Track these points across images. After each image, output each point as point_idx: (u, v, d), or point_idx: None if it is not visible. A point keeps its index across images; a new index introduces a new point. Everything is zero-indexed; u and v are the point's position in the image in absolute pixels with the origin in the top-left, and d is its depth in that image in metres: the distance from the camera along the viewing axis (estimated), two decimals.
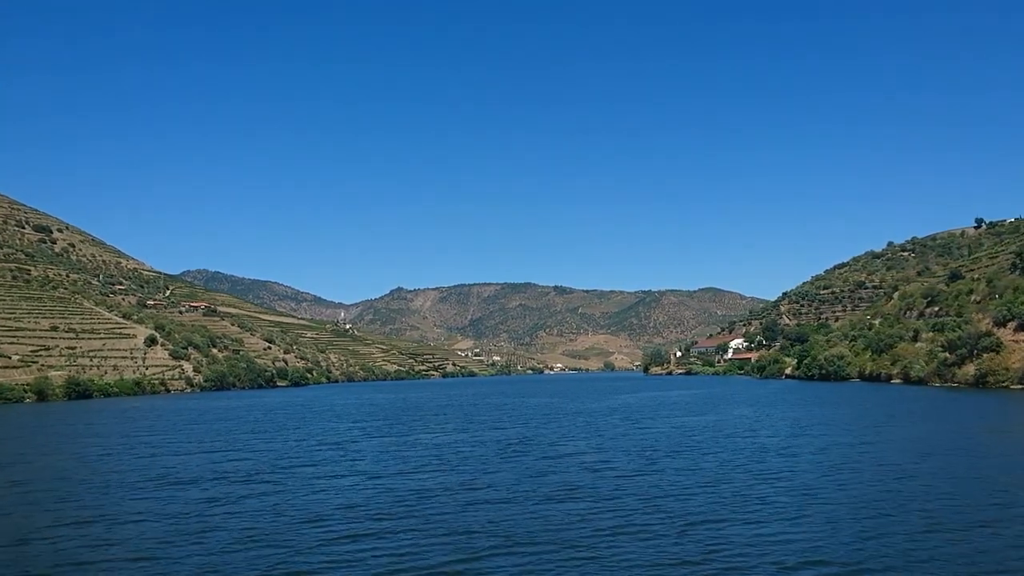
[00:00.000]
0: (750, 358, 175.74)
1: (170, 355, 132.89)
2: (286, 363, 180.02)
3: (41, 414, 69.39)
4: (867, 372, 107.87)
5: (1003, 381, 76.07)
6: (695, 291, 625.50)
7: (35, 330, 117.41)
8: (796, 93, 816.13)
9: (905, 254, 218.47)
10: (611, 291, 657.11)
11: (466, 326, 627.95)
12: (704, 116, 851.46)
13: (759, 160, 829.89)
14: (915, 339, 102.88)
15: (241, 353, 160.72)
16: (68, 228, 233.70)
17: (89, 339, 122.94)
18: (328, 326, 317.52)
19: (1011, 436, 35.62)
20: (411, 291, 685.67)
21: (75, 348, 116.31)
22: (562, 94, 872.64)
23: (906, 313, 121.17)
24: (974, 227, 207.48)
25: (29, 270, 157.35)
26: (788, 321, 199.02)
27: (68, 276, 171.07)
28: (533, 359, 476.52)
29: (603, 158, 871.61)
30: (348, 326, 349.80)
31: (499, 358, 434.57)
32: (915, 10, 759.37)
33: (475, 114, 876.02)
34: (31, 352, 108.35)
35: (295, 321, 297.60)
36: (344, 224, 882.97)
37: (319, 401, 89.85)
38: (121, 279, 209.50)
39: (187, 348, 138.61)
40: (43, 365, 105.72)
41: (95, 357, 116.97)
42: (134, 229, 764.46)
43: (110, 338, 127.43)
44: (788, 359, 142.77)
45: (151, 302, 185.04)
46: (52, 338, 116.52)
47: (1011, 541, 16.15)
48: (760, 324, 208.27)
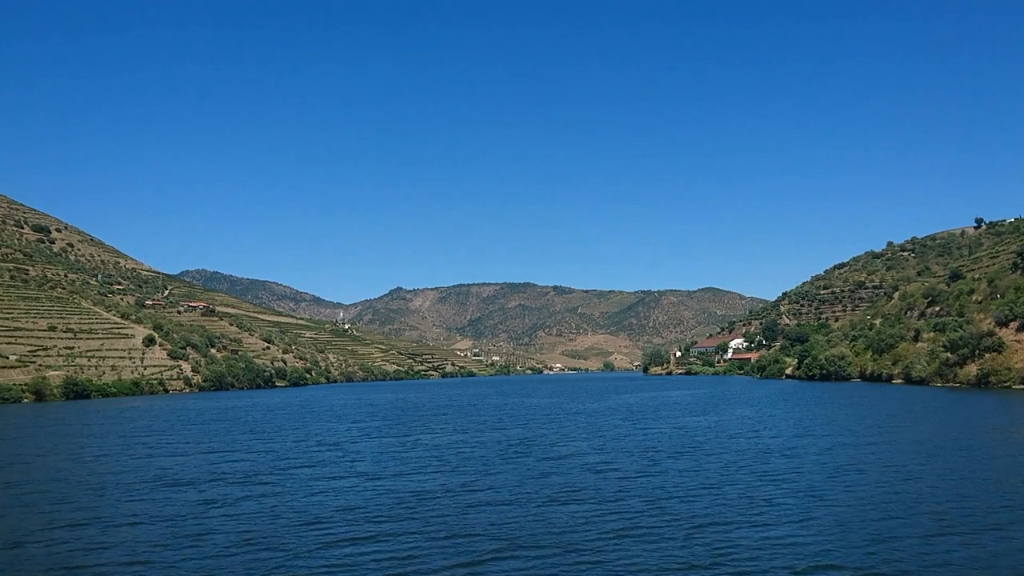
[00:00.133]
0: (750, 358, 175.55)
1: (168, 355, 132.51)
2: (285, 363, 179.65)
3: (39, 414, 69.01)
4: (868, 372, 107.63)
5: (1005, 381, 75.76)
6: (695, 291, 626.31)
7: (33, 330, 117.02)
8: (796, 93, 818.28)
9: (905, 254, 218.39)
10: (610, 291, 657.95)
11: (465, 326, 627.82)
12: (704, 116, 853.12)
13: (759, 160, 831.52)
14: (916, 339, 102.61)
15: (240, 353, 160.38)
16: (67, 228, 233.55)
17: (87, 339, 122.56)
18: (327, 326, 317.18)
19: (1016, 436, 35.27)
20: (410, 291, 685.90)
21: (73, 348, 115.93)
22: (561, 94, 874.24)
23: (907, 313, 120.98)
24: (974, 227, 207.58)
25: (27, 270, 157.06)
26: (788, 321, 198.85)
27: (66, 276, 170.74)
28: (532, 359, 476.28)
29: (602, 158, 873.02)
30: (347, 326, 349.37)
31: (498, 358, 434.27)
32: (914, 10, 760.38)
33: (474, 114, 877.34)
34: (29, 352, 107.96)
35: (294, 321, 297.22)
36: (343, 224, 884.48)
37: (318, 401, 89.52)
38: (119, 279, 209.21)
39: (185, 348, 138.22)
40: (41, 365, 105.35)
41: (93, 357, 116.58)
42: (133, 229, 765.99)
43: (108, 338, 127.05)
44: (788, 359, 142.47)
45: (149, 302, 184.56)
46: (50, 338, 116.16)
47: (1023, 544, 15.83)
48: (760, 324, 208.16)
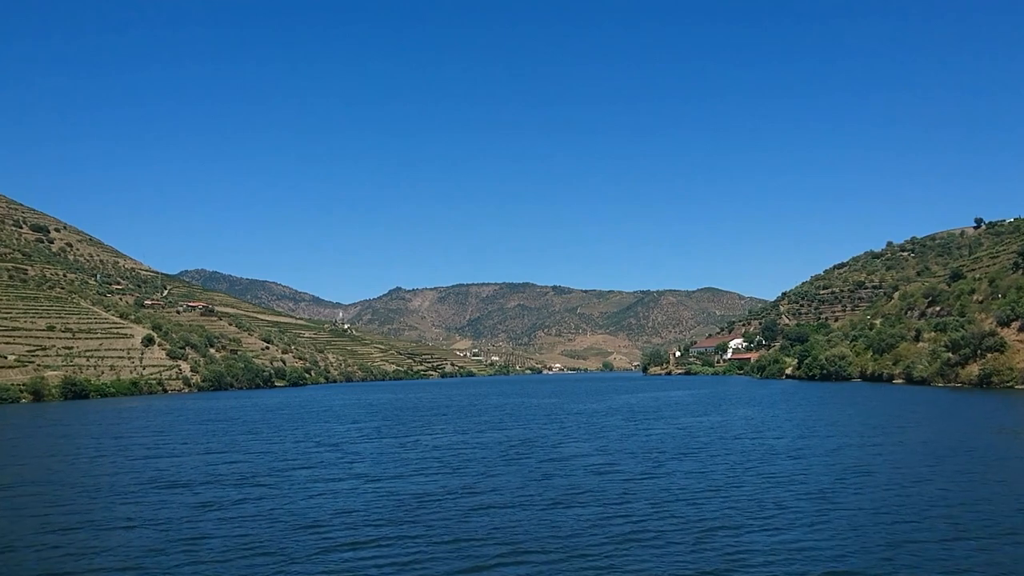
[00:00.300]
0: (749, 358, 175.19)
1: (167, 355, 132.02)
2: (284, 363, 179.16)
3: (36, 414, 68.56)
4: (869, 372, 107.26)
5: (1008, 381, 75.36)
6: (694, 291, 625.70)
7: (31, 330, 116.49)
8: (796, 93, 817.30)
9: (905, 254, 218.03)
10: (610, 291, 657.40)
11: (465, 326, 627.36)
12: (703, 116, 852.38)
13: (758, 160, 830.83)
14: (917, 339, 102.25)
15: (239, 353, 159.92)
16: (66, 227, 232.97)
17: (86, 339, 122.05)
18: (326, 326, 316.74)
19: (1022, 437, 34.88)
20: (409, 291, 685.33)
21: (72, 348, 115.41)
22: (561, 94, 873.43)
23: (907, 313, 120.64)
24: (973, 227, 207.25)
25: (26, 269, 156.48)
26: (787, 321, 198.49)
27: (65, 276, 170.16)
28: (532, 359, 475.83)
29: (602, 158, 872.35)
30: (346, 326, 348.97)
31: (498, 358, 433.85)
32: (914, 10, 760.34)
33: (474, 114, 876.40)
34: (27, 352, 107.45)
35: (293, 321, 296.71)
36: (342, 224, 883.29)
37: (317, 401, 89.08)
38: (119, 279, 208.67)
39: (184, 348, 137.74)
40: (39, 365, 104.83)
41: (92, 357, 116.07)
42: (132, 229, 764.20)
43: (107, 338, 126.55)
44: (788, 359, 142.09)
45: (149, 302, 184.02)
46: (49, 338, 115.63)
47: None
48: (759, 324, 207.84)
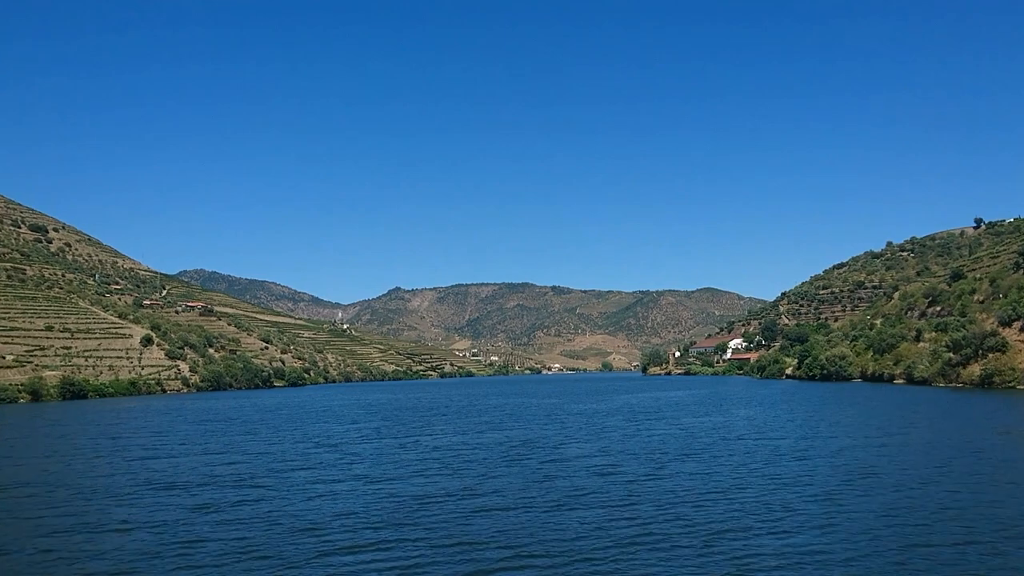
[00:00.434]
0: (749, 358, 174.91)
1: (166, 355, 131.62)
2: (283, 363, 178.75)
3: (34, 415, 68.22)
4: (869, 372, 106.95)
5: (1010, 381, 75.05)
6: (693, 291, 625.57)
7: (30, 330, 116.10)
8: (796, 93, 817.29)
9: (904, 254, 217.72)
10: (609, 291, 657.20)
11: (464, 326, 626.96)
12: (703, 116, 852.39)
13: (758, 160, 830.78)
14: (918, 339, 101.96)
15: (238, 353, 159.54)
16: (64, 227, 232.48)
17: (84, 339, 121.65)
18: (325, 326, 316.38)
19: None
20: (409, 291, 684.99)
21: (70, 348, 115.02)
22: (561, 94, 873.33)
23: (907, 313, 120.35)
24: (973, 227, 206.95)
25: (24, 269, 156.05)
26: (787, 321, 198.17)
27: (64, 276, 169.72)
28: (531, 359, 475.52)
29: (601, 158, 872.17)
30: (345, 326, 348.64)
31: (497, 358, 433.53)
32: (914, 10, 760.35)
33: (474, 114, 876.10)
34: (26, 352, 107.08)
35: (292, 321, 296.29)
36: (342, 224, 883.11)
37: (316, 402, 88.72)
38: (117, 279, 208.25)
39: (183, 348, 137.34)
40: (38, 365, 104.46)
41: (90, 357, 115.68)
42: (131, 229, 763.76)
43: (106, 338, 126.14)
44: (788, 359, 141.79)
45: (147, 302, 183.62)
46: (47, 338, 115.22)
47: None
48: (759, 324, 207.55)
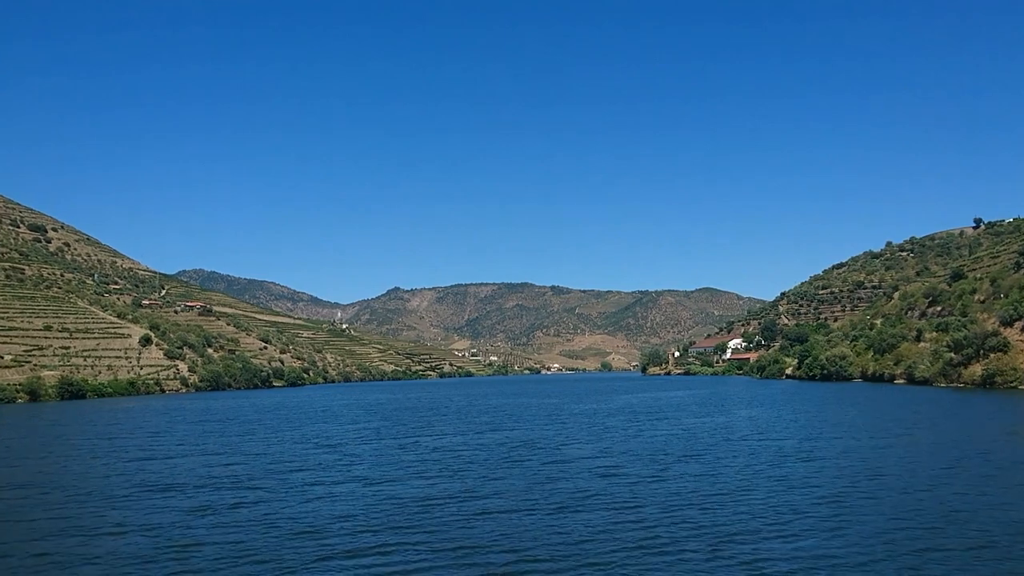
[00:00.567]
0: (749, 358, 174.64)
1: (165, 355, 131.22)
2: (282, 363, 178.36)
3: (31, 415, 67.86)
4: (870, 372, 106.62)
5: (1012, 381, 74.71)
6: (692, 291, 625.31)
7: (28, 329, 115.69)
8: (796, 93, 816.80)
9: (904, 254, 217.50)
10: (608, 291, 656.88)
11: (463, 326, 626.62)
12: (703, 116, 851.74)
13: (757, 160, 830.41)
14: (918, 339, 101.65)
15: (237, 353, 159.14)
16: (63, 227, 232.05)
17: (83, 339, 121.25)
18: (325, 326, 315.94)
19: None
20: (408, 291, 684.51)
21: (69, 348, 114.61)
22: (561, 94, 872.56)
23: (907, 313, 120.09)
24: (973, 227, 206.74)
25: (23, 269, 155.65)
26: (787, 321, 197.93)
27: (63, 275, 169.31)
28: (530, 359, 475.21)
29: (600, 158, 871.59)
30: (345, 326, 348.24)
31: (496, 358, 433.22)
32: (914, 10, 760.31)
33: (472, 114, 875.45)
34: (24, 352, 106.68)
35: (291, 321, 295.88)
36: (341, 224, 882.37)
37: (315, 402, 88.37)
38: (116, 278, 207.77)
39: (182, 348, 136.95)
40: (36, 365, 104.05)
41: (89, 357, 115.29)
42: (130, 229, 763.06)
43: (104, 338, 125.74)
44: (788, 359, 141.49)
45: (146, 302, 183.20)
46: (46, 338, 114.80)
47: None
48: (759, 324, 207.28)
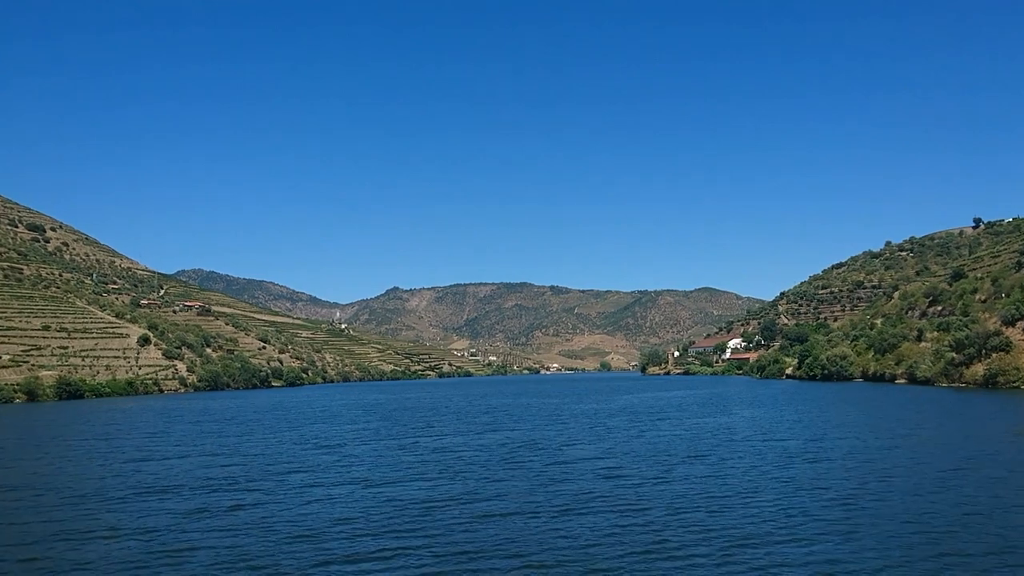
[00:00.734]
0: (749, 358, 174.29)
1: (163, 355, 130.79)
2: (281, 363, 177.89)
3: (29, 415, 67.44)
4: (871, 372, 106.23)
5: (1014, 381, 74.28)
6: (691, 291, 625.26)
7: (27, 329, 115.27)
8: (793, 93, 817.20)
9: (903, 254, 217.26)
10: (607, 291, 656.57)
11: (462, 326, 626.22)
12: (701, 116, 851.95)
13: (757, 160, 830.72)
14: (919, 339, 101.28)
15: (236, 353, 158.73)
16: (62, 227, 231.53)
17: (81, 339, 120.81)
18: (323, 326, 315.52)
19: None
20: (407, 291, 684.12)
21: (67, 348, 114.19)
22: (559, 95, 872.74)
23: (908, 313, 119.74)
24: (972, 227, 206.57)
25: (21, 269, 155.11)
26: (786, 321, 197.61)
27: (61, 275, 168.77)
28: (529, 359, 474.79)
29: (600, 158, 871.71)
30: (344, 326, 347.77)
31: (495, 358, 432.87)
32: (914, 10, 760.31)
33: (472, 114, 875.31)
34: (22, 352, 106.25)
35: (290, 321, 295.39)
36: (340, 224, 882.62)
37: (314, 402, 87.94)
38: (115, 278, 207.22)
39: (181, 348, 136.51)
40: (34, 365, 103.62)
41: (87, 357, 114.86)
42: (129, 228, 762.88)
43: (103, 338, 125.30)
44: (788, 359, 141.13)
45: (145, 301, 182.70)
46: (44, 337, 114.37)
47: None
48: (758, 324, 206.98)
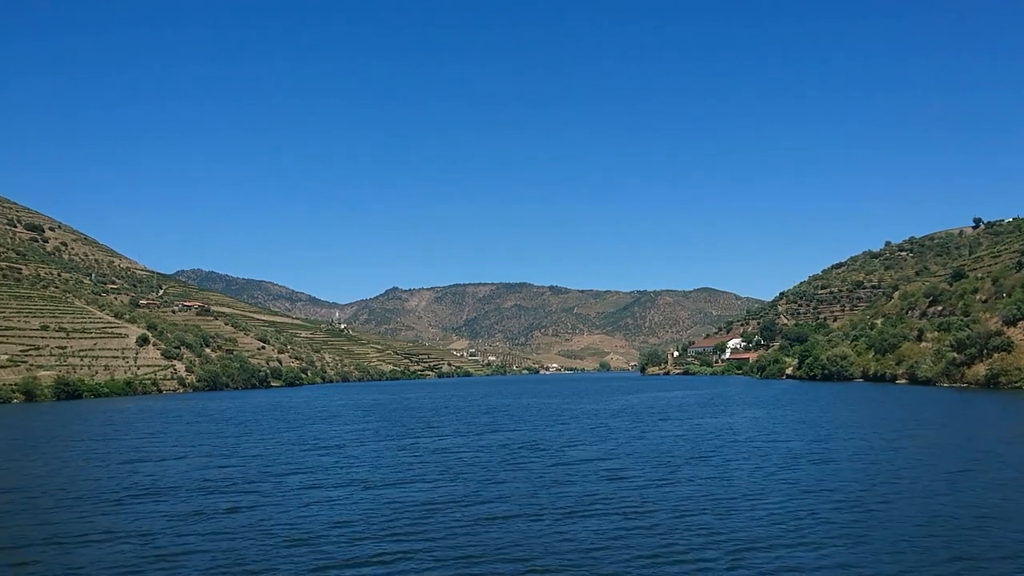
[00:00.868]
0: (748, 358, 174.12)
1: (162, 355, 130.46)
2: (280, 363, 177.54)
3: (26, 415, 67.10)
4: (871, 372, 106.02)
5: (1016, 381, 74.00)
6: (690, 291, 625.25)
7: (25, 329, 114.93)
8: (793, 93, 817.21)
9: (903, 254, 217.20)
10: (606, 291, 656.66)
11: (461, 326, 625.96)
12: (701, 116, 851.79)
13: (756, 160, 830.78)
14: (920, 339, 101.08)
15: (235, 353, 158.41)
16: (60, 227, 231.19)
17: (80, 338, 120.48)
18: (323, 326, 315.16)
19: None
20: (406, 291, 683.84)
21: (66, 348, 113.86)
22: (559, 95, 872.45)
23: (908, 313, 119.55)
24: (972, 227, 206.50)
25: (20, 269, 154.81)
26: (786, 321, 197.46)
27: (60, 275, 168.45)
28: (529, 359, 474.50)
29: (600, 158, 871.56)
30: (343, 326, 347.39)
31: (495, 358, 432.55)
32: (914, 10, 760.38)
33: (472, 114, 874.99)
34: (20, 351, 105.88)
35: (290, 321, 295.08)
36: (339, 224, 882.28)
37: (313, 402, 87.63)
38: (114, 278, 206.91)
39: (180, 348, 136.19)
40: (32, 365, 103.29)
41: (86, 357, 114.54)
42: (128, 228, 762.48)
43: (101, 337, 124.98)
44: (788, 359, 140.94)
45: (144, 301, 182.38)
46: (42, 337, 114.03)
47: None
48: (758, 324, 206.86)
